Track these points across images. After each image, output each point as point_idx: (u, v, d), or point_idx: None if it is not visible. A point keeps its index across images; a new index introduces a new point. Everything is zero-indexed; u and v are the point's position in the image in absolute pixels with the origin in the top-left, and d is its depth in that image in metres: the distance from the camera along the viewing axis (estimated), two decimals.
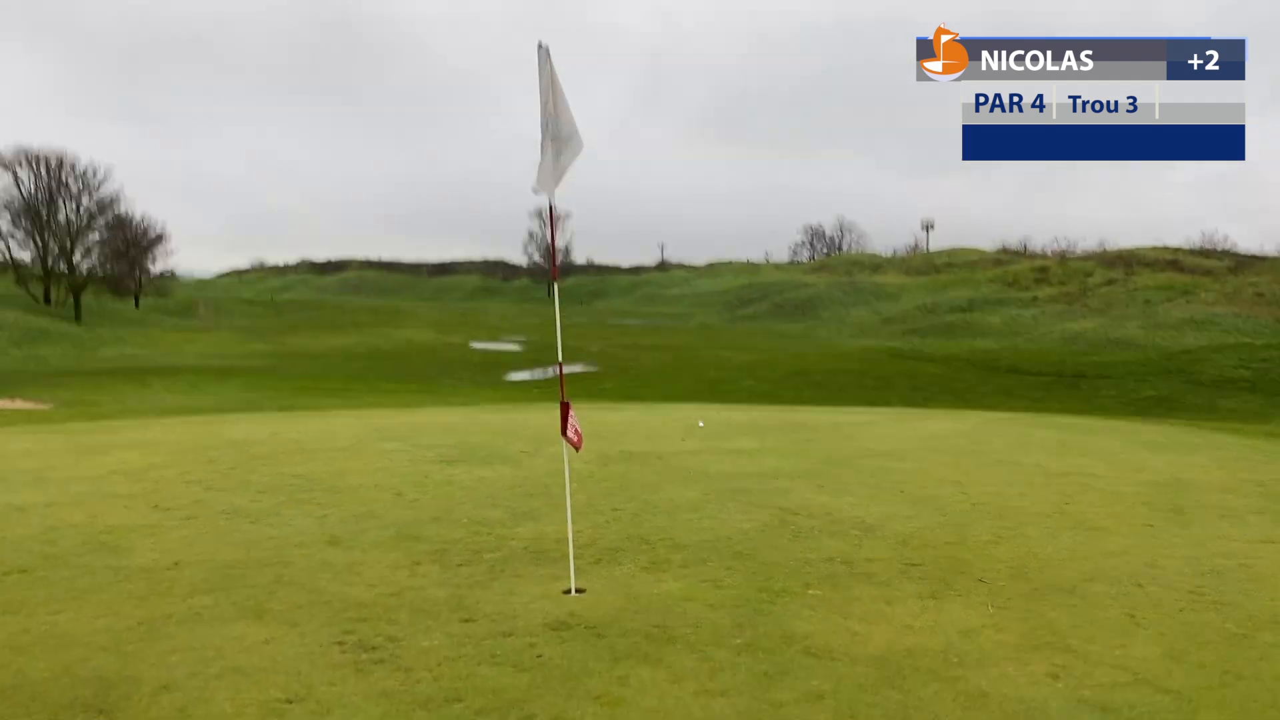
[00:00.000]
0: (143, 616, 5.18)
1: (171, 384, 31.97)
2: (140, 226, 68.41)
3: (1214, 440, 13.19)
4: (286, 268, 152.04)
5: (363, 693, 4.17)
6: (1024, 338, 52.45)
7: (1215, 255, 71.71)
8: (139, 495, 8.53)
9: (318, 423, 14.83)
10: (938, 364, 39.45)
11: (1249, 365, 32.38)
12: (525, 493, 8.67)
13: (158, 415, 17.31)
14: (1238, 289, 54.29)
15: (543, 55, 5.92)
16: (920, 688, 4.25)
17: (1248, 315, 48.96)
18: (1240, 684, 4.31)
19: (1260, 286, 53.83)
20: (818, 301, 75.53)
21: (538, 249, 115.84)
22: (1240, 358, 33.65)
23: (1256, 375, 31.24)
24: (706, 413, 16.49)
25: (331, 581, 5.86)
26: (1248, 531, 7.33)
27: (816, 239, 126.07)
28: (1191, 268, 64.90)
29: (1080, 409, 26.54)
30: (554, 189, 6.20)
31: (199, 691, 4.18)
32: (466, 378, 40.68)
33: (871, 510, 7.95)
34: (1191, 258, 69.25)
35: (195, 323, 69.51)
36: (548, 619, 5.14)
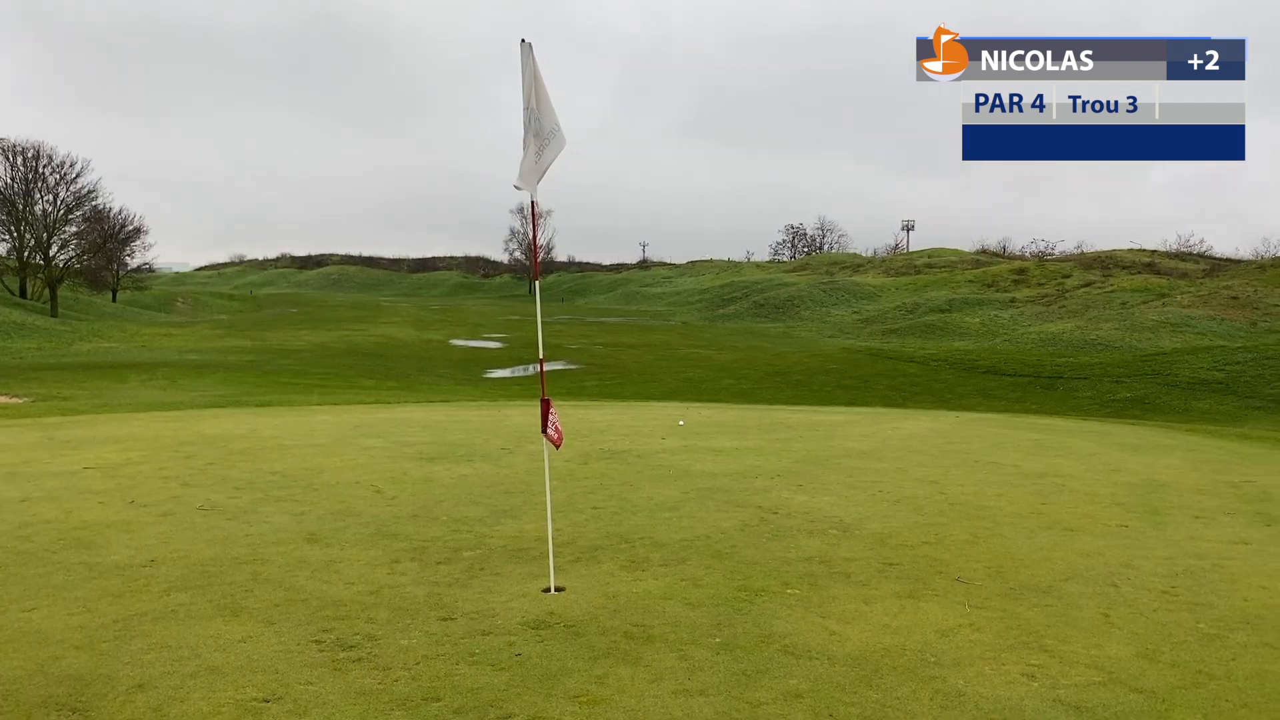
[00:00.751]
0: (118, 614, 5.14)
1: (149, 379, 31.70)
2: (118, 220, 67.84)
3: (1188, 442, 13.31)
4: (267, 262, 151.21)
5: (340, 691, 4.16)
6: (1002, 338, 52.75)
7: (1191, 258, 72.47)
8: (115, 491, 8.46)
9: (296, 419, 14.75)
10: (917, 364, 39.62)
11: (1223, 368, 32.69)
12: (505, 490, 8.65)
13: (134, 410, 17.17)
14: (1213, 292, 54.80)
15: (525, 52, 5.91)
16: (897, 687, 4.28)
17: (1222, 318, 49.44)
18: (1213, 684, 4.36)
19: (1235, 289, 54.36)
20: (798, 301, 75.69)
21: (519, 246, 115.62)
22: (1214, 360, 33.96)
23: (1230, 378, 31.54)
24: (687, 411, 16.51)
25: (309, 579, 5.83)
26: (1221, 532, 7.40)
27: (798, 238, 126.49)
28: (1168, 270, 65.51)
29: (1057, 410, 26.73)
30: (536, 186, 6.19)
31: (174, 690, 4.15)
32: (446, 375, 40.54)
33: (850, 510, 7.98)
34: (1168, 260, 69.93)
35: (173, 317, 68.98)
36: (527, 618, 5.14)
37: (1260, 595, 5.72)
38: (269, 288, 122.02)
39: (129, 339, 52.16)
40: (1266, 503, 8.67)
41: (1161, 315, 51.17)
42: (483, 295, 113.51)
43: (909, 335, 57.61)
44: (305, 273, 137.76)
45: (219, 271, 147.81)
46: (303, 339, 53.07)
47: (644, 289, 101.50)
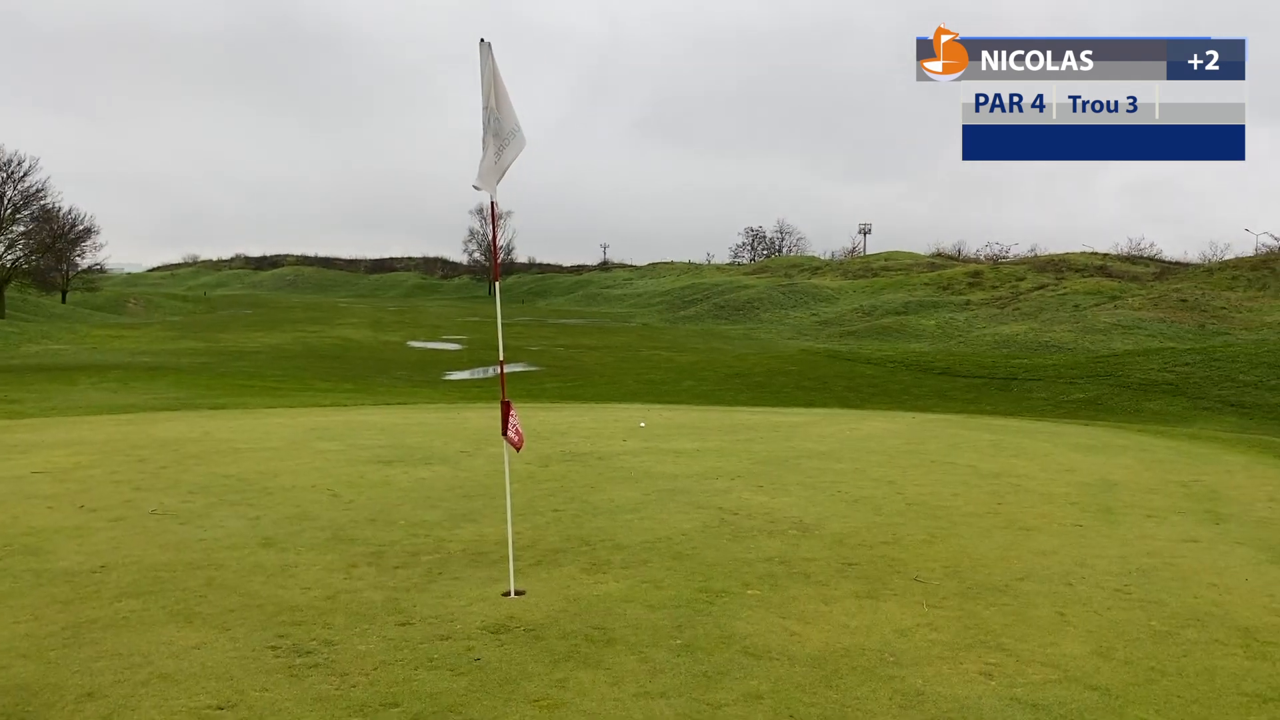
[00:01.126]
0: (67, 621, 5.03)
1: (99, 381, 31.11)
2: (68, 219, 66.61)
3: (1140, 442, 13.55)
4: (221, 263, 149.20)
5: (296, 698, 4.09)
6: (957, 340, 53.38)
7: (1141, 261, 73.95)
8: (64, 496, 8.29)
9: (251, 422, 14.55)
10: (874, 366, 39.97)
11: (1173, 369, 33.32)
12: (464, 494, 8.59)
13: (85, 414, 16.84)
14: (1163, 295, 55.87)
15: (484, 51, 5.87)
16: (857, 687, 4.30)
17: (1172, 321, 50.43)
18: (1164, 680, 4.43)
19: (1184, 292, 55.48)
20: (758, 303, 76.05)
21: (479, 247, 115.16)
22: (1164, 361, 34.61)
23: (1180, 379, 32.15)
24: (648, 413, 16.50)
25: (265, 584, 5.74)
26: (1172, 531, 7.53)
27: (757, 241, 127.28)
28: (1119, 273, 66.77)
29: (1011, 410, 27.07)
30: (495, 186, 6.15)
31: (125, 699, 4.06)
32: (404, 377, 40.21)
33: (809, 510, 8.02)
34: (1119, 264, 71.25)
35: (125, 319, 67.80)
36: (486, 622, 5.10)
37: (1209, 593, 5.82)
38: (223, 289, 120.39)
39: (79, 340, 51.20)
40: (1215, 501, 8.83)
41: (1113, 318, 52.11)
42: (441, 296, 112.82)
43: (866, 337, 58.14)
44: (260, 273, 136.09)
45: (172, 272, 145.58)
46: (258, 341, 52.40)
47: (605, 290, 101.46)
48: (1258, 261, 60.35)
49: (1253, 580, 6.13)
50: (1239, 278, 57.13)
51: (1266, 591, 5.88)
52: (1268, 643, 4.94)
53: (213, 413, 16.75)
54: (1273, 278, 55.83)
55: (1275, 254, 62.64)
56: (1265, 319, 48.27)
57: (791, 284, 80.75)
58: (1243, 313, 50.58)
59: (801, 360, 43.50)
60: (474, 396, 28.05)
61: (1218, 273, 59.81)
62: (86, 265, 70.21)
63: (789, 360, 43.48)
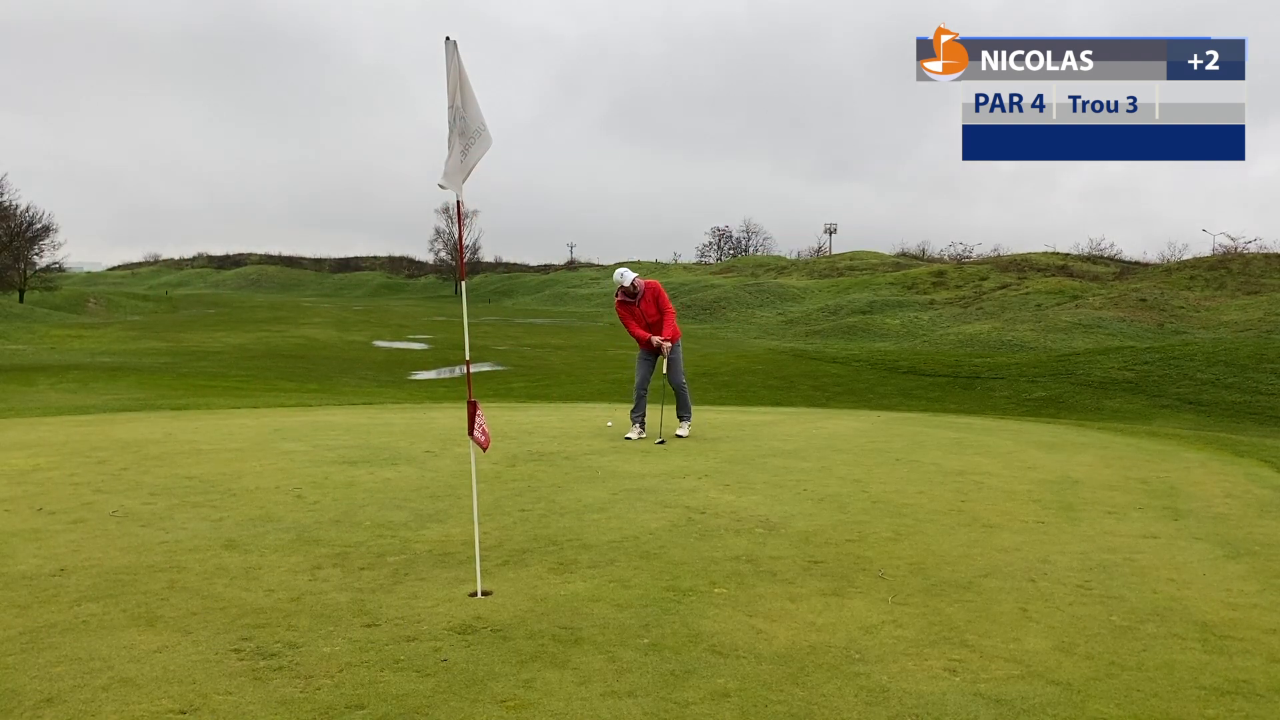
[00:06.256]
0: (24, 626, 4.95)
1: (58, 382, 30.63)
2: (25, 217, 65.50)
3: (1100, 439, 13.73)
4: (183, 262, 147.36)
5: (261, 701, 4.06)
6: (922, 339, 53.84)
7: (1102, 261, 75.03)
8: (21, 498, 8.15)
9: (214, 422, 14.38)
10: (839, 365, 40.21)
11: (1132, 367, 33.81)
12: (430, 494, 8.55)
13: (43, 415, 16.55)
14: (1123, 294, 56.68)
15: (450, 49, 5.84)
16: (823, 684, 4.33)
17: (1131, 320, 51.17)
18: (1125, 674, 4.49)
19: (1143, 292, 56.31)
20: (725, 302, 76.28)
21: (444, 246, 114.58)
22: (1124, 360, 35.11)
23: (1139, 377, 32.63)
24: (615, 413, 16.52)
25: (228, 587, 5.68)
26: (1131, 527, 7.64)
27: (724, 240, 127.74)
28: (1080, 273, 67.68)
29: (975, 409, 27.37)
30: (461, 185, 6.13)
31: (85, 704, 4.01)
32: (369, 377, 39.95)
33: (776, 509, 8.06)
34: (1080, 263, 72.23)
35: (85, 318, 66.78)
36: (453, 623, 5.08)
37: (1168, 588, 5.92)
38: (185, 288, 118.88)
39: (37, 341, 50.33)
40: (1174, 497, 8.97)
41: (1074, 317, 52.80)
42: (407, 296, 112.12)
43: (832, 336, 58.51)
44: (223, 273, 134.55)
45: (133, 271, 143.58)
46: (220, 340, 51.80)
47: (572, 290, 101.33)
48: (1214, 261, 61.45)
49: (1210, 575, 6.23)
50: (1197, 277, 58.12)
51: (1223, 586, 5.98)
52: (1225, 636, 5.03)
53: (175, 413, 16.54)
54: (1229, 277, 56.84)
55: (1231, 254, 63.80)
56: (1222, 318, 49.11)
57: (758, 283, 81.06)
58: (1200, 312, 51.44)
59: (768, 359, 43.68)
60: (440, 396, 27.91)
61: (1176, 272, 60.79)
62: (45, 264, 69.10)
63: (755, 359, 43.64)
